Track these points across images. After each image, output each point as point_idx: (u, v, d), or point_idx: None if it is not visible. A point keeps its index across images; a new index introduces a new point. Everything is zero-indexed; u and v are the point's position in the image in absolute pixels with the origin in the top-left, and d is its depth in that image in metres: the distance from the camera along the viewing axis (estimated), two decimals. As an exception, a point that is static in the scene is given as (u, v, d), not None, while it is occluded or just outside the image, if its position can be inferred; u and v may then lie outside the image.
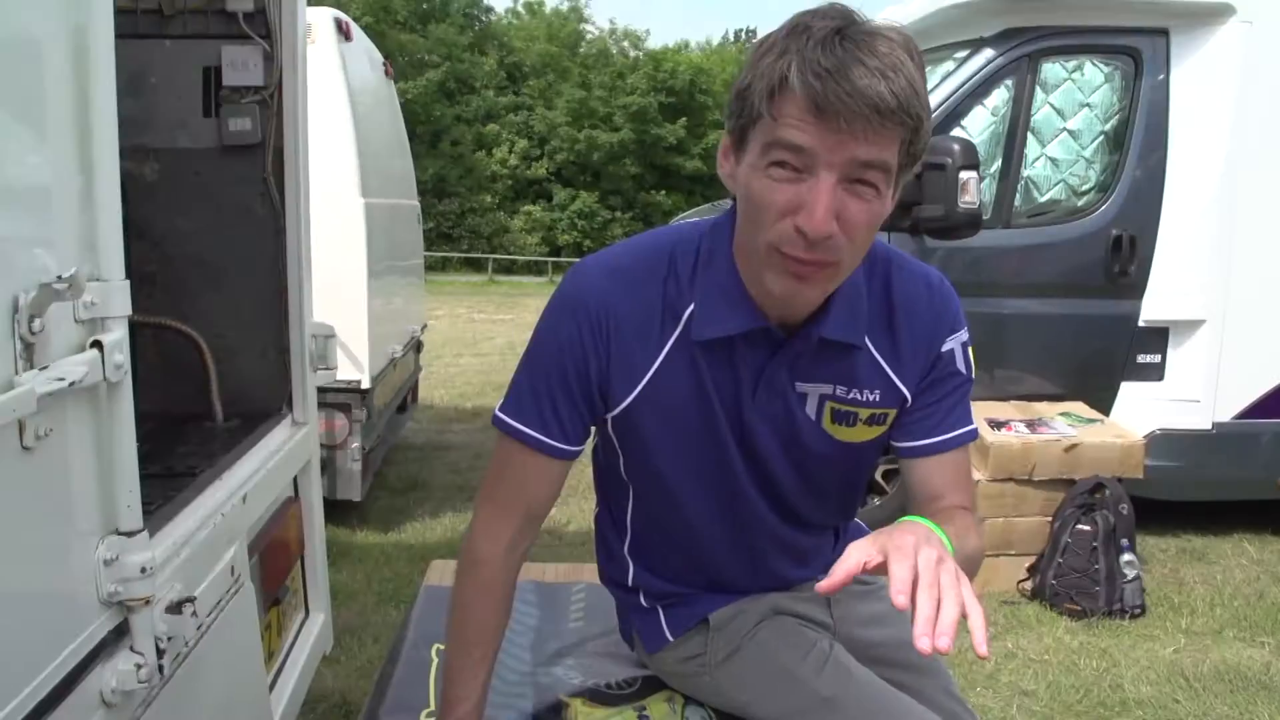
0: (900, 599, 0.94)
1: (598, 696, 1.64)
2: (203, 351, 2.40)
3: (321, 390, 3.28)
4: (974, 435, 1.42)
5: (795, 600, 1.57)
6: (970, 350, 1.39)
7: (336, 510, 4.71)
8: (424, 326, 6.48)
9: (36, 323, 1.07)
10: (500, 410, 1.39)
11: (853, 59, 1.06)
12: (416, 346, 6.24)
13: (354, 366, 4.48)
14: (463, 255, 35.24)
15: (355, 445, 4.53)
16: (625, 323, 1.32)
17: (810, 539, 1.55)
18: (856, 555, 1.00)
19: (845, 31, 1.08)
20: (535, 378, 1.36)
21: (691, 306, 1.32)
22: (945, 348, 1.36)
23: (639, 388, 1.35)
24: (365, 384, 4.55)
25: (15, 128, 1.11)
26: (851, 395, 1.35)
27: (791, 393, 1.35)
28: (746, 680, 1.52)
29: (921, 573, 0.96)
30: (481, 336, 13.25)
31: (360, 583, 4.13)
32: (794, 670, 1.47)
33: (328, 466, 4.43)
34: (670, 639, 1.56)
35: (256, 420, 2.34)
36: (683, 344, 1.33)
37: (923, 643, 0.90)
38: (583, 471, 5.91)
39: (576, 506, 5.23)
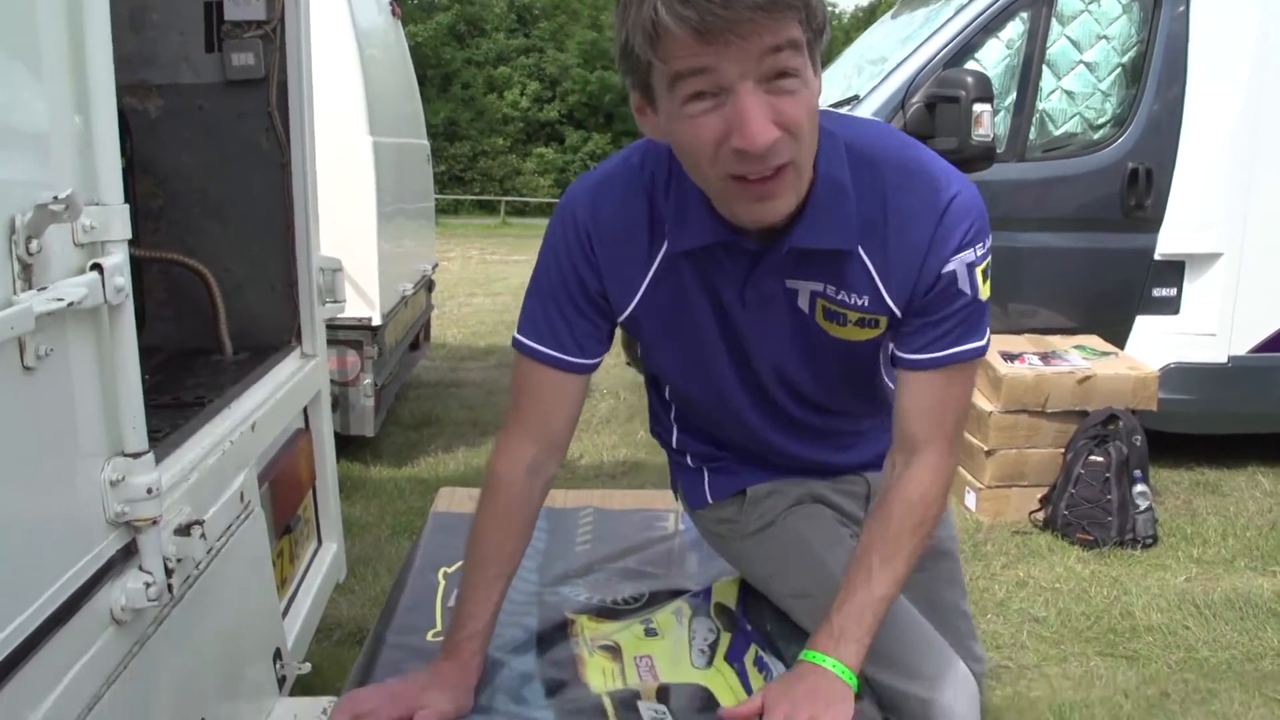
0: None
1: (604, 612, 1.66)
2: (210, 286, 2.40)
3: (333, 328, 3.28)
4: (978, 353, 1.33)
5: (833, 490, 1.61)
6: (980, 272, 1.30)
7: (350, 446, 4.75)
8: (435, 266, 6.48)
9: (34, 244, 1.08)
10: (518, 332, 1.41)
11: None
12: (428, 285, 6.25)
13: (365, 304, 4.50)
14: (475, 198, 35.06)
15: (367, 381, 4.56)
16: (609, 231, 1.35)
17: (844, 423, 1.57)
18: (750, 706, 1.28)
19: None
20: (542, 295, 1.39)
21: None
22: (947, 268, 1.27)
23: (638, 297, 1.37)
24: (376, 321, 4.57)
25: (8, 54, 1.10)
26: (840, 296, 1.33)
27: (782, 291, 1.35)
28: (771, 555, 1.57)
29: None
30: (495, 277, 13.22)
31: (374, 515, 4.19)
32: (820, 555, 1.51)
33: (340, 403, 4.45)
34: (710, 501, 1.62)
35: (265, 353, 2.36)
36: (673, 254, 1.34)
37: None
38: (595, 407, 5.92)
39: (590, 441, 5.26)
